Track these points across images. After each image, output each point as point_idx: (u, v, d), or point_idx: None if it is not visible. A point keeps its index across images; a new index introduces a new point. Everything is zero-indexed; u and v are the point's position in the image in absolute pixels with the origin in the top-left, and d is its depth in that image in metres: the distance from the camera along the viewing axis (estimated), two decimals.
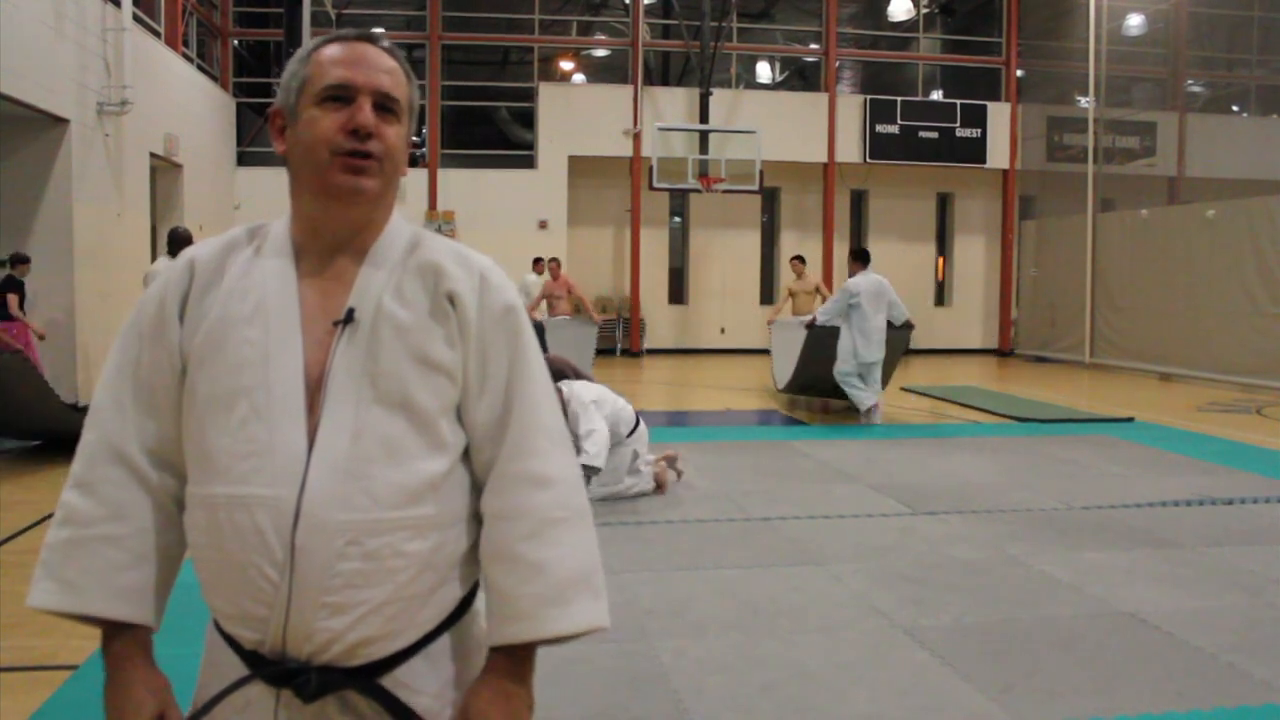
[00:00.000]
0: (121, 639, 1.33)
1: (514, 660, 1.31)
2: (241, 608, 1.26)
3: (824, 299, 11.33)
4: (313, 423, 1.26)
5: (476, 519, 1.36)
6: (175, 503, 1.36)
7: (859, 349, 9.24)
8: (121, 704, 1.30)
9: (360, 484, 1.24)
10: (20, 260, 9.28)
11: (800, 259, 12.73)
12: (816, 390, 10.45)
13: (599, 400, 6.02)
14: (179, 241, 8.39)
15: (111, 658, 1.33)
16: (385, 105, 1.32)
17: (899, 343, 9.94)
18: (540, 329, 10.58)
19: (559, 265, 13.31)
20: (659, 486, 6.25)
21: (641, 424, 6.30)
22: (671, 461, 6.56)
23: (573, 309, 12.72)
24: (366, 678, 1.27)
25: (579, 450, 5.48)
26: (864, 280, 9.36)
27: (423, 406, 1.29)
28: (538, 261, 14.46)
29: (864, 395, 9.37)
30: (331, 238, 1.33)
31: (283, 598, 1.23)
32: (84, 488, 1.33)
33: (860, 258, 9.59)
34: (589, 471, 5.59)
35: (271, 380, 1.27)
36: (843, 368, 9.37)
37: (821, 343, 9.54)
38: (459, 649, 1.36)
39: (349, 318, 1.29)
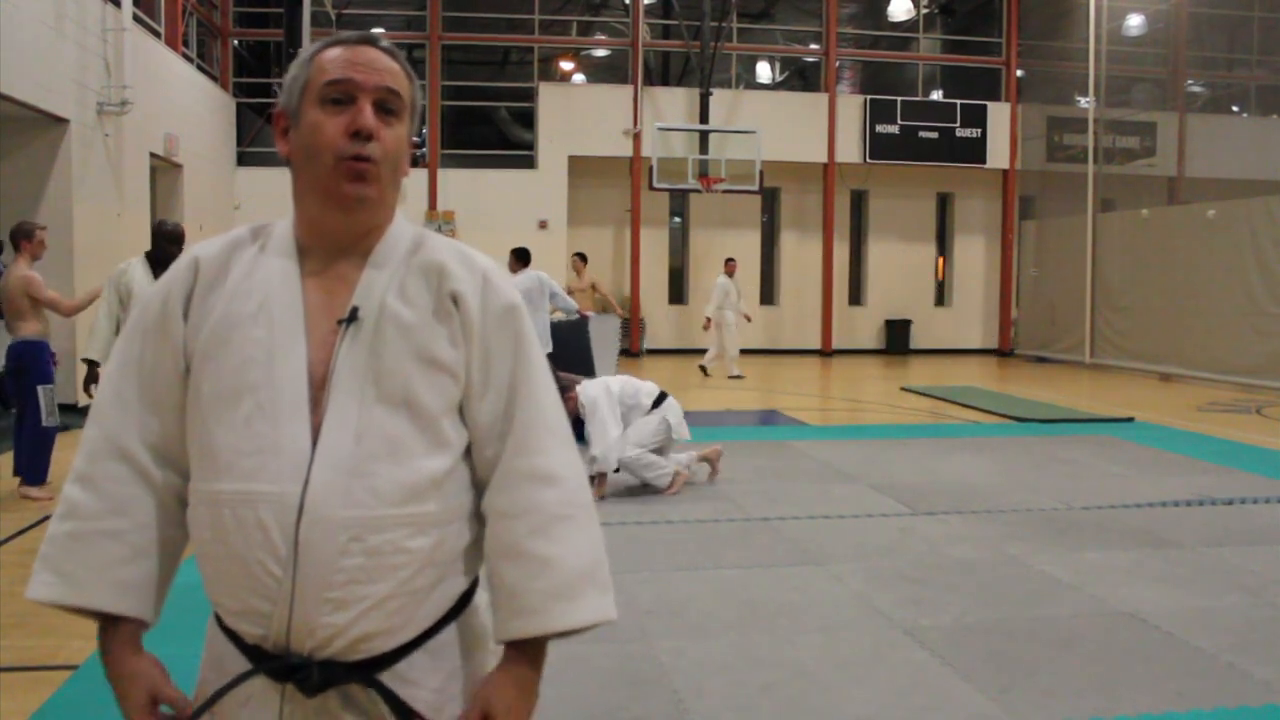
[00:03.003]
0: (116, 631, 1.35)
1: (528, 652, 1.34)
2: (245, 603, 1.27)
3: (602, 296, 11.68)
4: (316, 420, 1.27)
5: (477, 515, 1.38)
6: (177, 499, 1.37)
7: None
8: (128, 688, 1.32)
9: (363, 481, 1.25)
10: None
11: (581, 256, 12.61)
12: None
13: (609, 389, 6.12)
14: (165, 237, 6.06)
15: (106, 649, 1.34)
16: (387, 105, 1.33)
17: (580, 334, 10.04)
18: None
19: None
20: (669, 487, 6.27)
21: (670, 400, 6.38)
22: (714, 459, 6.67)
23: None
24: (368, 672, 1.28)
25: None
26: (524, 279, 9.35)
27: (425, 405, 1.30)
28: (729, 262, 14.34)
29: None
30: (335, 239, 1.35)
31: (286, 593, 1.24)
32: (85, 482, 1.34)
33: (520, 256, 9.62)
34: (596, 475, 5.79)
35: (276, 378, 1.28)
36: None
37: None
38: (460, 643, 1.37)
39: (353, 316, 1.30)
